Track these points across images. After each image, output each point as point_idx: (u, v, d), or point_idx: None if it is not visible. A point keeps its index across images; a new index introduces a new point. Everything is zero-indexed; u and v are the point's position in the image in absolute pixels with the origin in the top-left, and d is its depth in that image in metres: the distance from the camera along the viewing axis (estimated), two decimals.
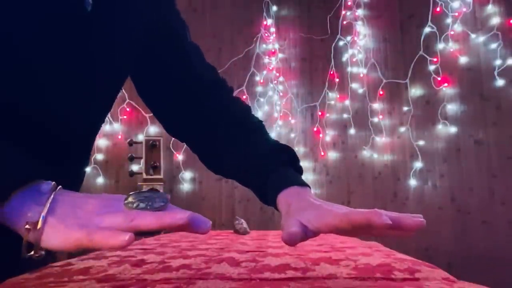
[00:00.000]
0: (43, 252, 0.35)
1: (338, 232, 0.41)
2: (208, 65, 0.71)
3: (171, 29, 0.68)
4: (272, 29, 3.31)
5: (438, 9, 3.02)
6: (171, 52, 0.68)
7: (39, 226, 0.34)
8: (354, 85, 3.20)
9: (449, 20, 2.99)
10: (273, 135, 3.19)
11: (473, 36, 2.93)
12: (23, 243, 0.34)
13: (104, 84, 0.58)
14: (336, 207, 0.44)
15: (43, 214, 0.35)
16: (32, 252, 0.35)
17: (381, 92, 3.14)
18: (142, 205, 0.37)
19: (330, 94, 3.22)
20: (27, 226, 0.34)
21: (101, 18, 0.53)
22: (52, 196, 0.36)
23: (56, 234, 0.35)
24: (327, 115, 3.21)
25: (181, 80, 0.68)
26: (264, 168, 0.56)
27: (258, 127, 0.65)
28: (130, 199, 0.37)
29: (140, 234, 0.36)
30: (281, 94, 3.25)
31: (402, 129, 3.09)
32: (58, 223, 0.35)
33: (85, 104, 0.55)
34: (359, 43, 3.23)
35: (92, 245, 0.34)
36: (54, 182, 0.38)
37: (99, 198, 0.39)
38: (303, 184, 0.52)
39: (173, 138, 3.11)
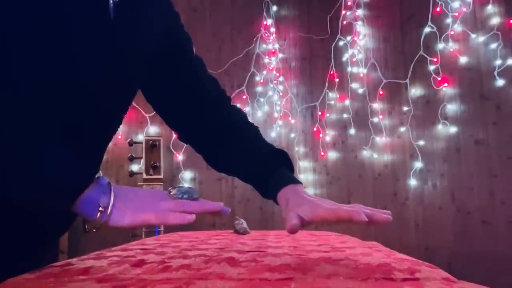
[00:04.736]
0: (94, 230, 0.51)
1: (326, 223, 0.53)
2: (211, 77, 0.78)
3: (178, 43, 0.73)
4: (272, 29, 3.31)
5: (438, 9, 3.01)
6: (178, 65, 0.73)
7: (109, 209, 0.46)
8: (354, 85, 3.20)
9: (449, 20, 2.99)
10: (273, 135, 3.20)
11: (473, 36, 2.92)
12: (93, 221, 0.46)
13: (124, 87, 0.62)
14: (325, 202, 0.55)
15: (112, 200, 0.46)
16: (95, 229, 0.49)
17: (381, 92, 3.14)
18: (185, 196, 0.51)
19: (330, 94, 3.22)
20: (100, 209, 0.45)
21: (122, 26, 0.56)
22: (112, 187, 0.47)
23: (123, 215, 0.46)
24: (327, 115, 3.21)
25: (189, 93, 0.74)
26: (264, 169, 0.68)
27: (256, 132, 0.76)
28: (174, 191, 0.51)
29: None
30: (281, 94, 3.25)
31: (402, 129, 3.09)
32: (124, 206, 0.47)
33: (107, 105, 0.59)
34: (359, 43, 3.23)
35: (162, 223, 0.47)
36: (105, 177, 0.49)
37: (145, 190, 0.53)
38: (297, 182, 0.64)
39: (173, 138, 3.12)
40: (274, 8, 3.33)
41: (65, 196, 0.45)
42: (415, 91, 3.09)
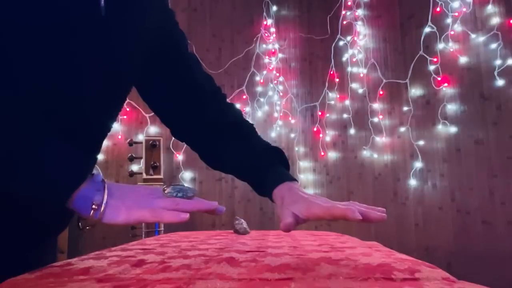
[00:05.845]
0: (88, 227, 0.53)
1: (321, 220, 0.53)
2: (206, 74, 0.78)
3: (172, 40, 0.73)
4: (272, 29, 3.31)
5: (438, 9, 3.01)
6: (173, 62, 0.73)
7: (103, 206, 0.45)
8: (354, 85, 3.20)
9: (449, 20, 2.99)
10: (273, 135, 3.20)
11: (473, 36, 2.92)
12: (87, 219, 0.46)
13: (117, 82, 0.62)
14: (320, 200, 0.55)
15: (105, 197, 0.46)
16: (89, 227, 0.51)
17: (381, 92, 3.14)
18: (179, 194, 0.50)
19: (330, 94, 3.22)
20: (94, 206, 0.45)
21: (114, 23, 0.56)
22: (106, 185, 0.47)
23: (118, 212, 0.46)
24: (327, 115, 3.21)
25: (183, 89, 0.74)
26: (261, 166, 0.68)
27: (251, 129, 0.76)
28: (168, 190, 0.50)
29: None
30: (281, 94, 3.25)
31: (402, 129, 3.09)
32: (119, 203, 0.47)
33: (101, 101, 0.59)
34: (359, 43, 3.23)
35: (156, 220, 0.47)
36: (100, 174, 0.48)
37: (140, 187, 0.51)
38: (292, 179, 0.64)
39: (173, 138, 3.12)
40: (274, 8, 3.34)
41: (60, 190, 0.45)
42: (415, 91, 3.09)
